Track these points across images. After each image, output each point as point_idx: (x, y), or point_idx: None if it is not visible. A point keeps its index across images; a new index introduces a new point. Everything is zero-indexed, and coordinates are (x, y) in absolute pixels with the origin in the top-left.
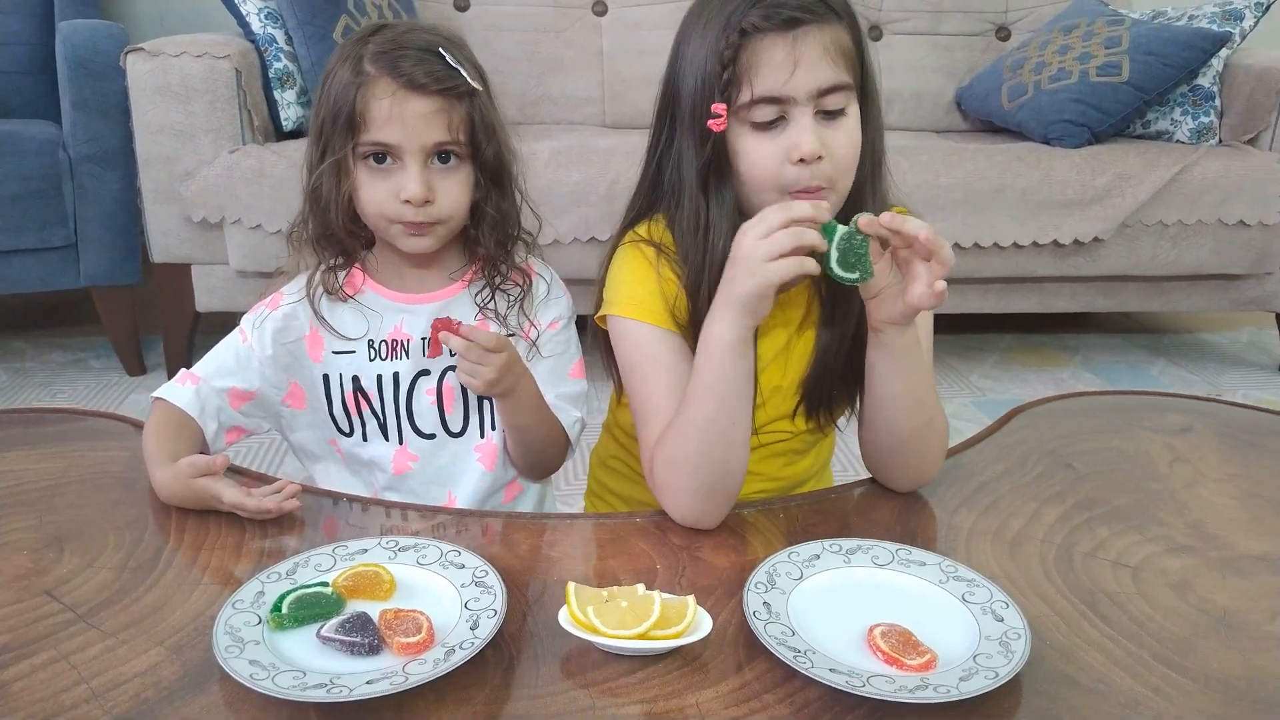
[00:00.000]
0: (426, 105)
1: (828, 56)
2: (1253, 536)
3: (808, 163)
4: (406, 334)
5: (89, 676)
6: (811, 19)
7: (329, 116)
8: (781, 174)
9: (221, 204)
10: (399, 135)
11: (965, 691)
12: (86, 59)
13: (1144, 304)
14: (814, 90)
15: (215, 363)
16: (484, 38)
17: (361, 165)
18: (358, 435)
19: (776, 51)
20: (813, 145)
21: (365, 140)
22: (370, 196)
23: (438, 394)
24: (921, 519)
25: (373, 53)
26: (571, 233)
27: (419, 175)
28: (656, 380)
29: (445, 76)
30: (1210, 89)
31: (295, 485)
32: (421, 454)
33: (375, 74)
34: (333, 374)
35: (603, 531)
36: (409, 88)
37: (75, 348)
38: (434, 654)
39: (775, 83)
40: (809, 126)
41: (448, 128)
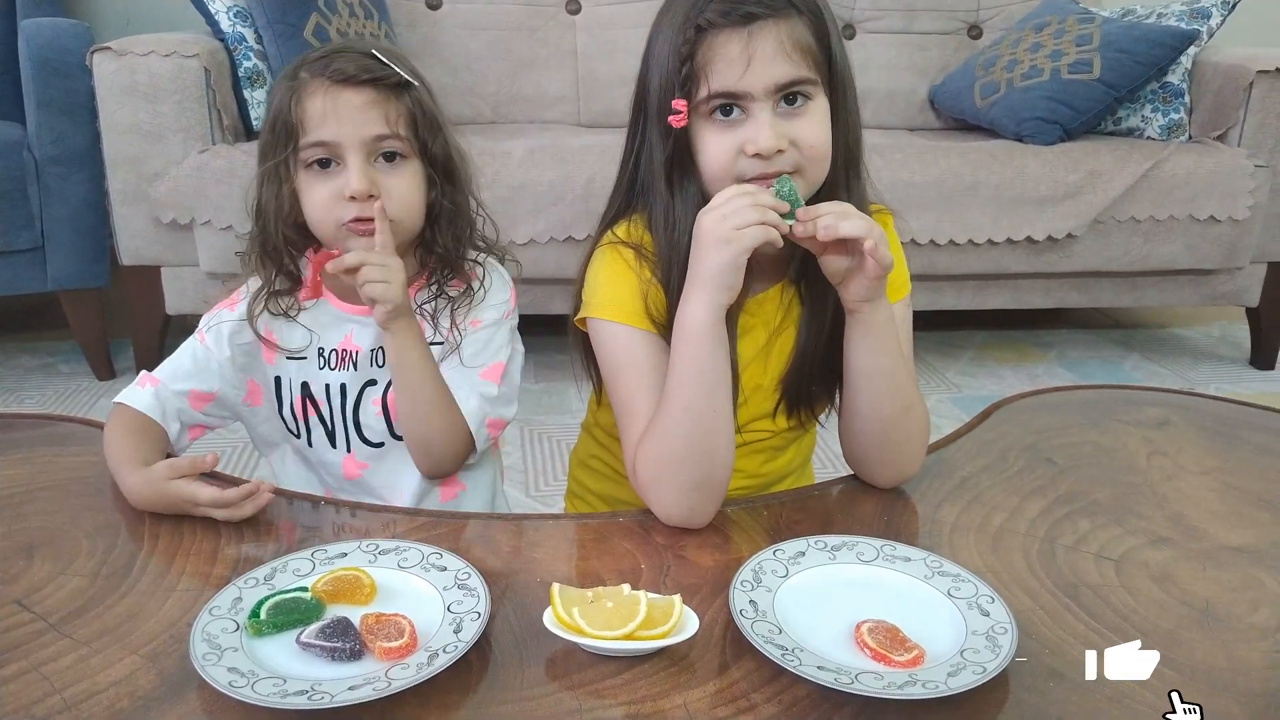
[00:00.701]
0: (359, 97)
1: (783, 52)
2: (1232, 528)
3: (764, 157)
4: (355, 345)
5: (62, 687)
6: (768, 14)
7: (268, 130)
8: (737, 166)
9: (191, 205)
10: (334, 131)
11: (953, 687)
12: (51, 58)
13: (1117, 299)
14: (770, 86)
15: (173, 366)
16: (456, 37)
17: (304, 173)
18: (303, 440)
19: (732, 47)
20: (769, 141)
21: (304, 143)
22: (312, 201)
23: (384, 404)
24: (904, 515)
25: (309, 63)
26: (547, 232)
27: (360, 169)
28: (637, 382)
29: (376, 68)
30: (1180, 86)
31: (269, 485)
32: (370, 461)
33: (308, 78)
34: (284, 376)
35: (586, 532)
36: (339, 81)
37: (43, 352)
38: (417, 658)
39: (730, 79)
40: (766, 122)
41: (385, 120)
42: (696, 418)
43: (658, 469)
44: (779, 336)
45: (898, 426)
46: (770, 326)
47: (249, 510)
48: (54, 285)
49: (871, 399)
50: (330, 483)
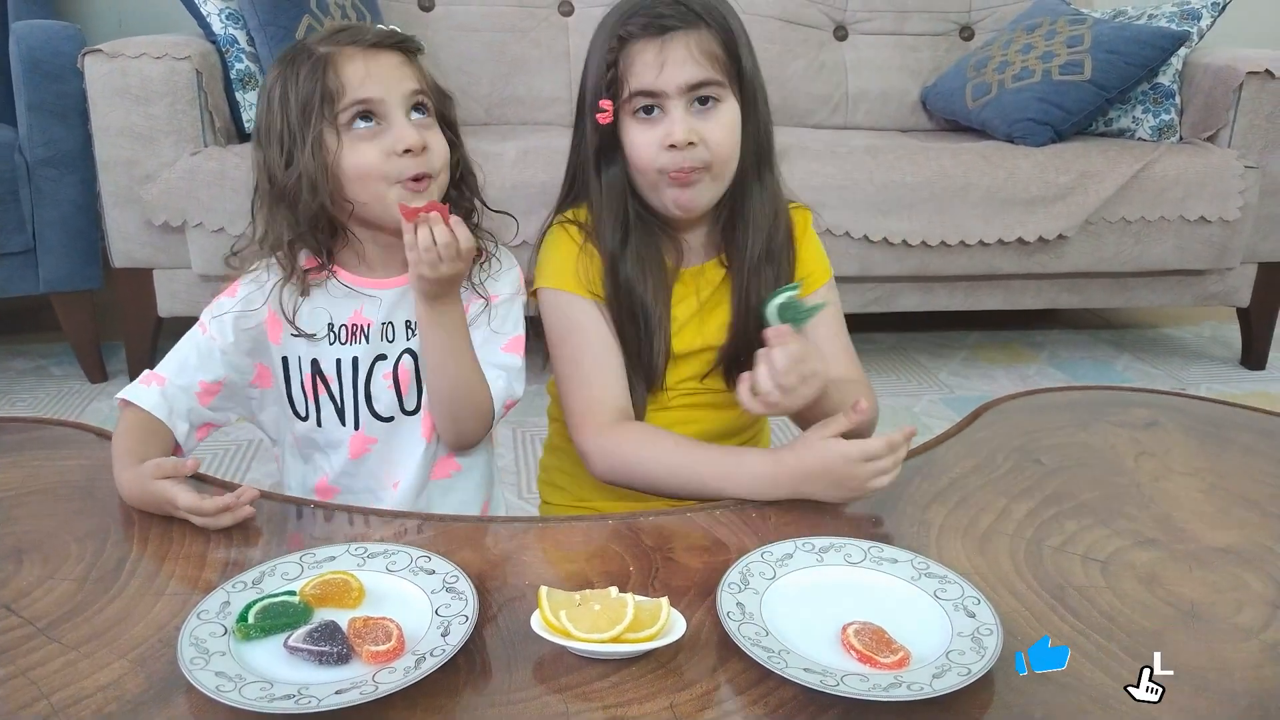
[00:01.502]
0: (394, 58)
1: (691, 57)
2: (1218, 529)
3: (679, 148)
4: (366, 319)
5: (49, 692)
6: (680, 25)
7: (296, 109)
8: (658, 159)
9: (183, 207)
10: (380, 89)
11: (938, 689)
12: (42, 61)
13: (1108, 300)
14: (682, 85)
15: (177, 360)
16: (449, 38)
17: (347, 135)
18: (313, 420)
19: (648, 53)
20: (682, 133)
21: (346, 104)
22: (363, 160)
23: (394, 377)
24: (892, 516)
25: (319, 41)
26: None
27: (409, 125)
28: (583, 346)
29: (395, 35)
30: (1170, 87)
31: (253, 491)
32: (379, 436)
33: (335, 49)
34: (291, 356)
35: (574, 534)
36: (375, 47)
37: (35, 355)
38: (404, 662)
39: (648, 79)
40: (679, 117)
41: (416, 78)
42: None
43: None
44: (714, 308)
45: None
46: (701, 296)
47: (226, 522)
48: (46, 288)
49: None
50: (329, 467)
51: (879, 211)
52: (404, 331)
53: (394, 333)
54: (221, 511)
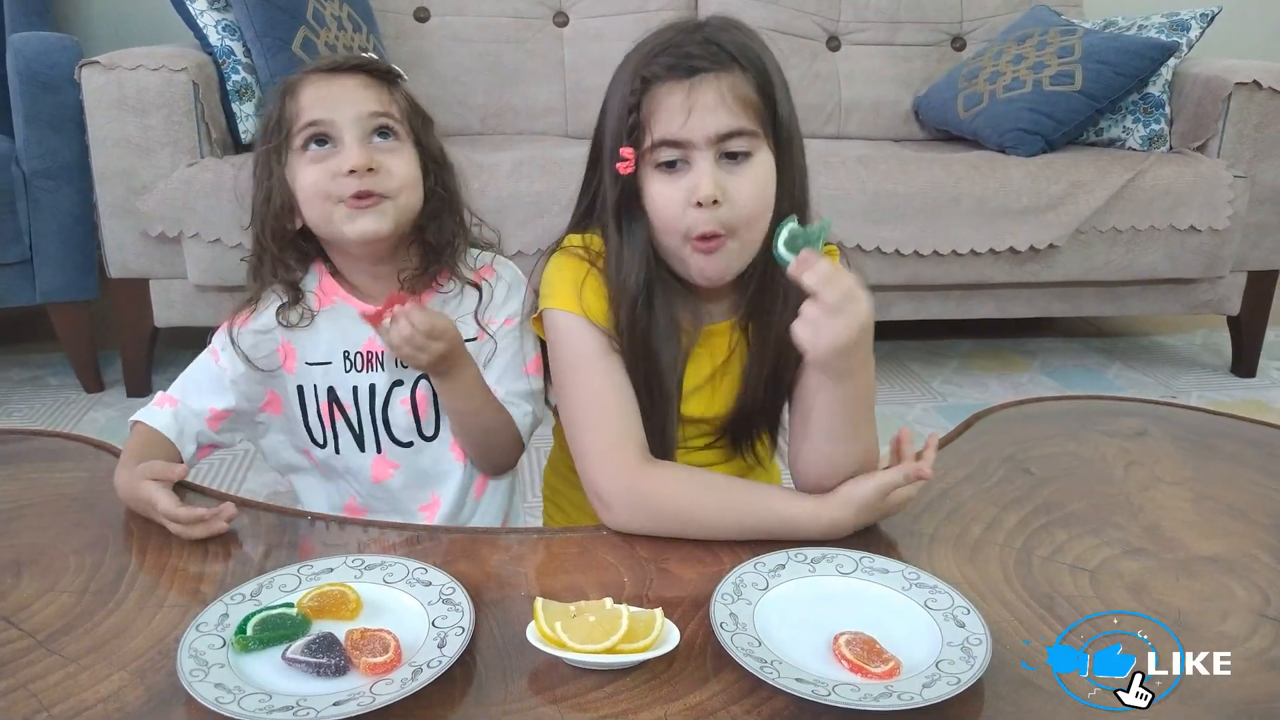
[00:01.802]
0: (352, 80)
1: (724, 103)
2: (1205, 538)
3: (704, 205)
4: (380, 346)
5: (50, 704)
6: (710, 68)
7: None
8: (684, 217)
9: (179, 218)
10: (330, 111)
11: (928, 698)
12: (39, 72)
13: (1099, 309)
14: (711, 135)
15: (192, 383)
16: (445, 49)
17: (296, 158)
18: (331, 447)
19: (675, 98)
20: (708, 189)
21: (299, 125)
22: (305, 181)
23: (412, 403)
24: (884, 526)
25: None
26: (535, 243)
27: (358, 146)
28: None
29: (368, 62)
30: (1160, 97)
31: (232, 509)
32: (402, 461)
33: (302, 77)
34: (307, 385)
35: (570, 545)
36: (332, 69)
37: (32, 365)
38: (401, 673)
39: (673, 127)
40: (706, 170)
41: (379, 100)
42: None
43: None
44: (725, 374)
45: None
46: (715, 360)
47: (199, 533)
48: (42, 298)
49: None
50: (358, 491)
51: (871, 221)
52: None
53: None
54: (195, 522)
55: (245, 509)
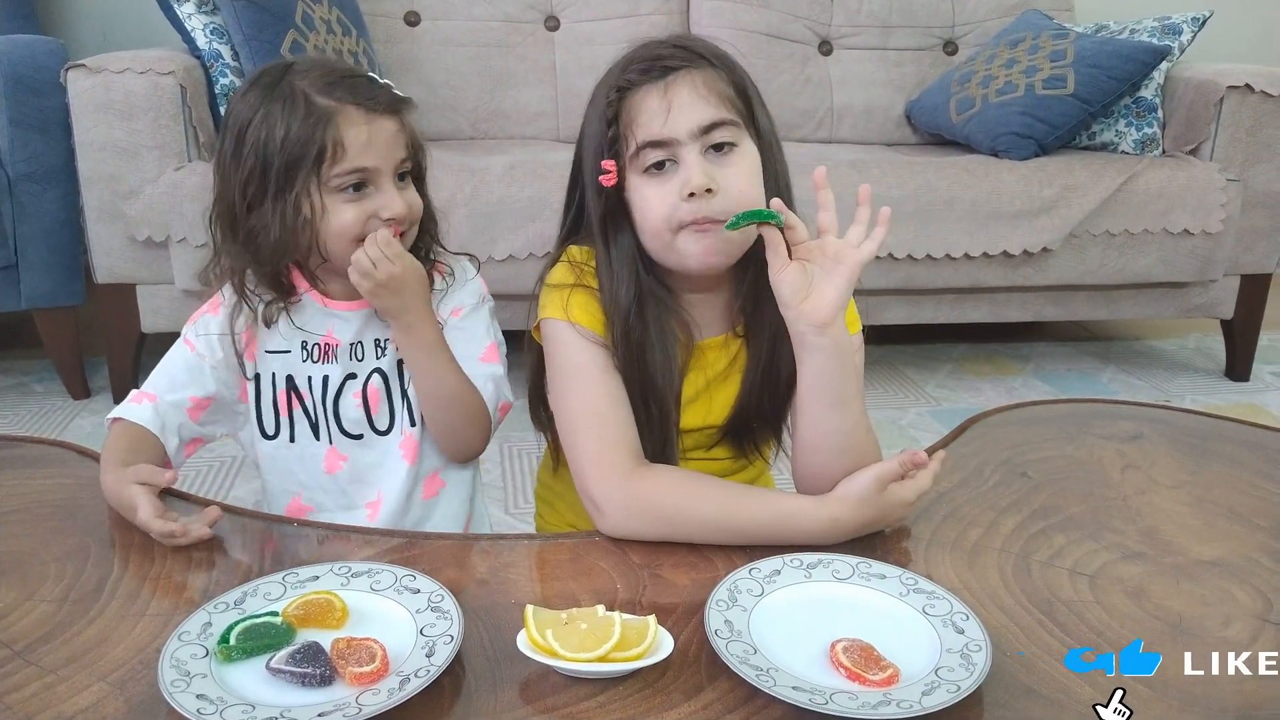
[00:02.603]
0: (392, 125)
1: (699, 96)
2: (1204, 542)
3: (698, 196)
4: (336, 339)
5: (26, 717)
6: (682, 65)
7: (280, 160)
8: (674, 213)
9: (166, 222)
10: (376, 158)
11: (927, 706)
12: (25, 75)
13: (1093, 312)
14: (694, 128)
15: (166, 377)
16: (435, 53)
17: (332, 196)
18: (284, 436)
19: (652, 100)
20: (700, 179)
21: (342, 170)
22: (341, 222)
23: (364, 396)
24: (881, 530)
25: (316, 87)
26: (527, 248)
27: (397, 193)
28: (595, 382)
29: (395, 99)
30: (1152, 101)
31: (216, 512)
32: (349, 454)
33: (338, 105)
34: (265, 372)
35: (561, 551)
36: (379, 112)
37: (17, 371)
38: (388, 683)
39: (655, 127)
40: (696, 162)
41: (406, 145)
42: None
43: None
44: (722, 384)
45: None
46: (709, 373)
47: (179, 542)
48: (28, 304)
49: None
50: (305, 484)
51: None
52: (373, 350)
53: (363, 352)
54: (169, 537)
55: (230, 516)
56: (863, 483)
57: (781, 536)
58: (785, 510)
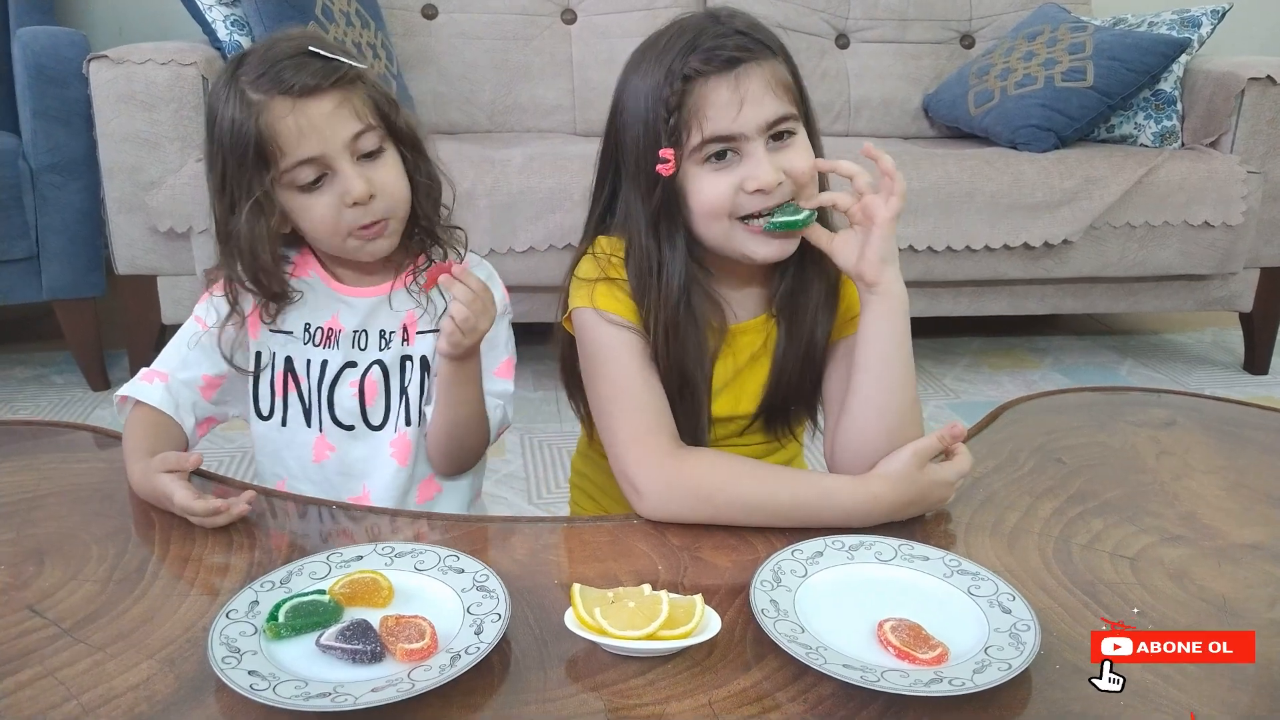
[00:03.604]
0: (327, 104)
1: (770, 91)
2: (1244, 526)
3: (766, 192)
4: (341, 324)
5: (78, 692)
6: (750, 57)
7: (232, 160)
8: (735, 203)
9: (188, 213)
10: (317, 145)
11: (980, 684)
12: (47, 66)
13: (1112, 305)
14: (761, 125)
15: (178, 356)
16: (452, 45)
17: (291, 194)
18: (277, 419)
19: (722, 92)
20: (771, 175)
21: (288, 165)
22: (314, 217)
23: (360, 387)
24: (922, 515)
25: (250, 80)
26: (547, 239)
27: (356, 174)
28: (630, 368)
29: (328, 70)
30: (1172, 93)
31: (251, 494)
32: (338, 445)
33: (265, 98)
34: (265, 352)
35: (601, 534)
36: (303, 95)
37: (37, 363)
38: (439, 660)
39: (724, 122)
40: (763, 159)
41: (355, 116)
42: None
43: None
44: (751, 371)
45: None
46: (738, 360)
47: (219, 522)
48: (49, 295)
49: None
50: (294, 468)
51: None
52: (377, 341)
53: (366, 341)
54: (213, 514)
55: (266, 498)
56: (902, 459)
57: (822, 515)
58: (826, 488)
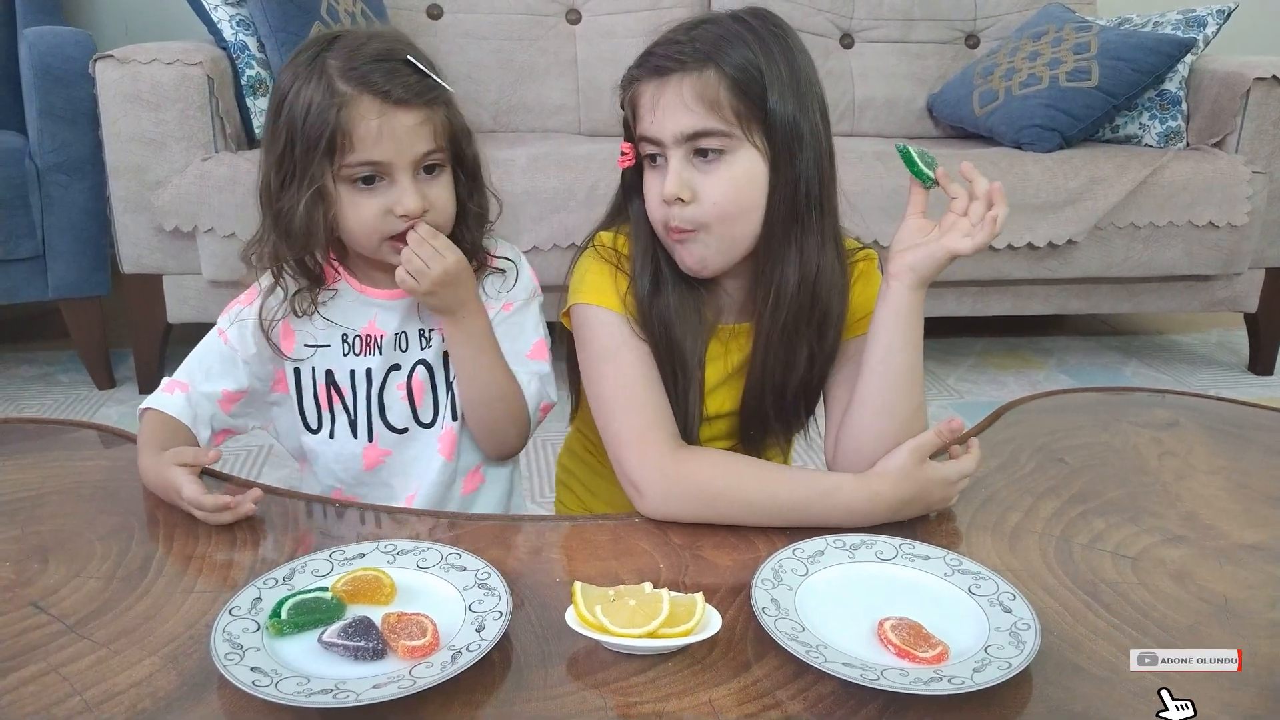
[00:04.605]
0: (412, 118)
1: (685, 104)
2: (1246, 527)
3: (668, 204)
4: (380, 330)
5: (82, 688)
6: (676, 68)
7: (302, 141)
8: (660, 212)
9: (194, 213)
10: (390, 152)
11: (979, 682)
12: (53, 66)
13: (1116, 305)
14: (677, 134)
15: (201, 368)
16: (457, 45)
17: (346, 187)
18: (325, 432)
19: (645, 97)
20: (671, 187)
21: (353, 161)
22: (358, 216)
23: (408, 388)
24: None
25: (340, 69)
26: (551, 239)
27: (414, 189)
28: (631, 366)
29: (423, 88)
30: (1177, 94)
31: (257, 492)
32: (393, 448)
33: (353, 93)
34: (304, 367)
35: (602, 533)
36: (393, 103)
37: (43, 361)
38: (440, 657)
39: (645, 125)
40: (673, 169)
41: (433, 137)
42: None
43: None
44: (741, 375)
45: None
46: (731, 361)
47: (225, 519)
48: (54, 294)
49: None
50: (344, 481)
51: (889, 217)
52: (418, 341)
53: (407, 342)
54: (221, 509)
55: (271, 496)
56: (900, 456)
57: (823, 515)
58: (826, 487)
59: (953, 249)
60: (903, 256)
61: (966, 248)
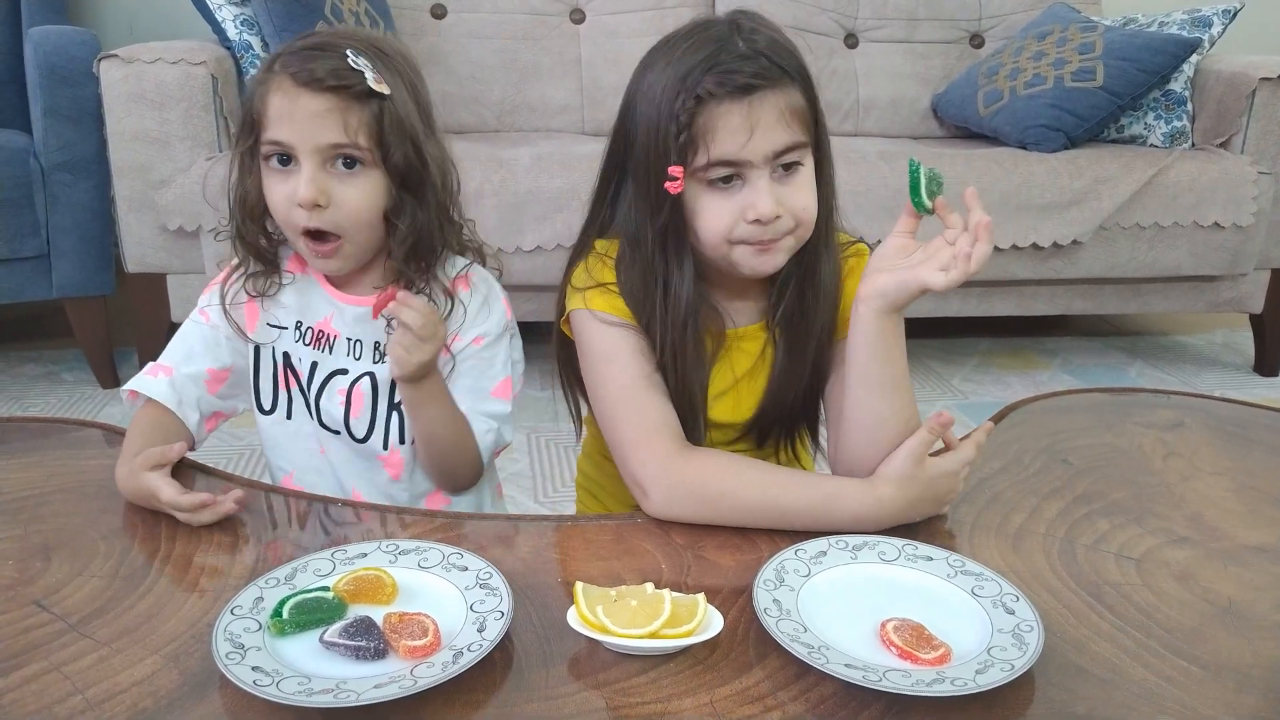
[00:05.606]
0: (318, 103)
1: (782, 120)
2: (1251, 528)
3: (764, 223)
4: (335, 330)
5: (83, 687)
6: (765, 84)
7: (239, 120)
8: (735, 230)
9: (198, 212)
10: (291, 133)
11: (982, 684)
12: (58, 65)
13: (1121, 306)
14: (769, 154)
15: (182, 350)
16: (461, 45)
17: (265, 166)
18: (280, 413)
19: (733, 118)
20: (769, 208)
21: (265, 139)
22: (272, 198)
23: (348, 395)
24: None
25: (286, 54)
26: (554, 239)
27: (311, 176)
28: (634, 368)
29: (343, 74)
30: (1182, 94)
31: (239, 492)
32: (326, 445)
33: (276, 74)
34: (265, 347)
35: (605, 532)
36: (302, 84)
37: (47, 360)
38: (442, 657)
39: (732, 147)
40: (765, 189)
41: (344, 128)
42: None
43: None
44: (751, 378)
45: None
46: (740, 366)
47: (206, 518)
48: (59, 293)
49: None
50: (300, 460)
51: (893, 216)
52: (371, 353)
53: (361, 351)
54: (199, 508)
55: (272, 495)
56: (898, 460)
57: (827, 519)
58: (830, 491)
59: (925, 282)
60: (875, 279)
61: (939, 284)
